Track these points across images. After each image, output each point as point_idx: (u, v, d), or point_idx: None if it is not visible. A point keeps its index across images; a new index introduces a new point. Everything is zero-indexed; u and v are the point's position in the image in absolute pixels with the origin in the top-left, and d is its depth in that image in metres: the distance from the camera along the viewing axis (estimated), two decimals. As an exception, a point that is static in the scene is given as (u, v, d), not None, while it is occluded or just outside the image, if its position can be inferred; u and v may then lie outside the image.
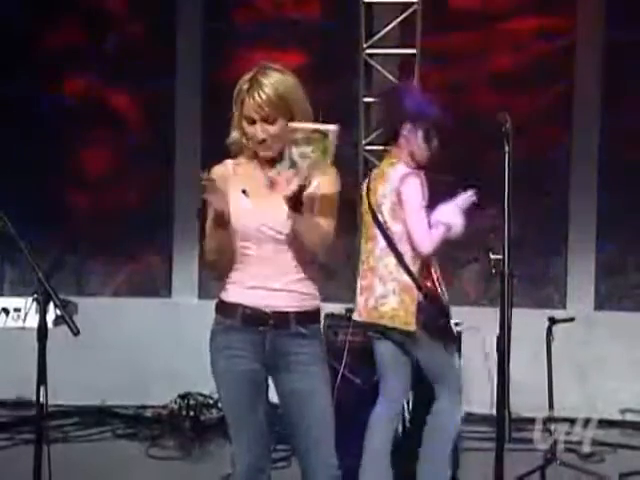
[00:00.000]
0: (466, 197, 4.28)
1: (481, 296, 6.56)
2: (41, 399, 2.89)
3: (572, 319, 5.33)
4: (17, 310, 5.04)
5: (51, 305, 2.94)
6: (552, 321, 5.19)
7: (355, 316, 4.43)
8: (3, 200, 2.98)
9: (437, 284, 4.30)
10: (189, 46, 6.82)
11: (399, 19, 6.13)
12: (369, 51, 6.14)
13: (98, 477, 5.16)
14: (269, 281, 3.13)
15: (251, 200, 3.11)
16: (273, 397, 3.24)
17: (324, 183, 3.13)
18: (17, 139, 6.58)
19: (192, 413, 6.02)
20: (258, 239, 3.12)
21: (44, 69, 6.79)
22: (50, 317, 2.97)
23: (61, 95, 6.84)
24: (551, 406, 5.12)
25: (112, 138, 6.90)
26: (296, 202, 2.96)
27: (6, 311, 5.07)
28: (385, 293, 4.26)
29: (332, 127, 2.94)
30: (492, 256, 3.16)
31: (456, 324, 4.61)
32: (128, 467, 5.39)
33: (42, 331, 2.91)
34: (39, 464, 2.95)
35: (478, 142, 5.80)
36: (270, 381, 3.24)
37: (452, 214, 4.22)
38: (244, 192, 3.10)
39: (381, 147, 6.01)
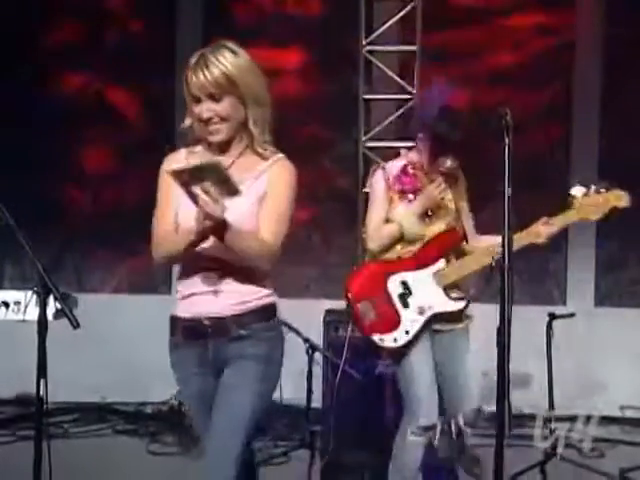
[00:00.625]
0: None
1: (481, 292, 6.54)
2: (41, 392, 2.87)
3: (572, 315, 5.32)
4: (17, 303, 5.04)
5: (51, 299, 2.90)
6: (552, 317, 5.18)
7: None
8: (3, 197, 2.97)
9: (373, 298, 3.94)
10: (189, 45, 6.80)
11: (399, 16, 6.14)
12: (369, 48, 6.15)
13: (98, 473, 5.15)
14: (207, 285, 2.93)
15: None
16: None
17: (273, 187, 2.91)
18: (17, 137, 6.58)
19: (192, 410, 6.02)
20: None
21: (44, 67, 6.79)
22: (50, 310, 2.94)
23: (61, 93, 6.83)
24: (551, 402, 5.11)
25: (112, 136, 6.89)
26: (218, 232, 2.75)
27: (6, 304, 5.07)
28: None
29: (213, 160, 2.74)
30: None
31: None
32: (128, 463, 5.39)
33: (42, 324, 2.89)
34: (39, 460, 2.94)
35: (477, 139, 5.78)
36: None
37: (404, 212, 3.97)
38: None
39: (381, 144, 6.04)
